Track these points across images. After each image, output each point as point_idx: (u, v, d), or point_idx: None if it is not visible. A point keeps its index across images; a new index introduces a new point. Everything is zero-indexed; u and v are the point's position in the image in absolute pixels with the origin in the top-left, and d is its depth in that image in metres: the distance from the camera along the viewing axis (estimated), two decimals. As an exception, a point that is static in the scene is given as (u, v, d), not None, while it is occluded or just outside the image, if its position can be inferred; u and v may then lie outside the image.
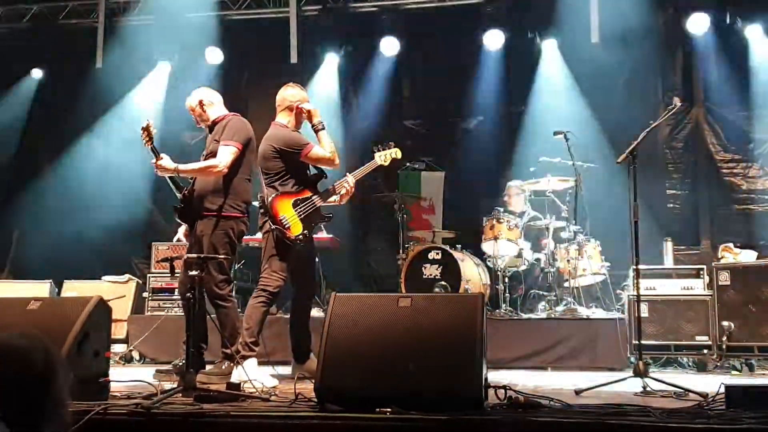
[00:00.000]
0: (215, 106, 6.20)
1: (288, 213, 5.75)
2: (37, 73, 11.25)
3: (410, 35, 10.54)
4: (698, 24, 9.56)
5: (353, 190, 6.07)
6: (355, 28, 10.83)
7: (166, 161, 5.69)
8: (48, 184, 10.99)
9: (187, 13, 10.71)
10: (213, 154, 5.84)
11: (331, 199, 6.07)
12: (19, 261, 10.48)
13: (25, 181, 11.05)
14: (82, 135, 10.98)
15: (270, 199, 5.75)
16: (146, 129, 5.71)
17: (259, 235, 8.33)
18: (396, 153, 6.32)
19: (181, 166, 5.73)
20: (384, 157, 6.28)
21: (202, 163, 5.85)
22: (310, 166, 6.03)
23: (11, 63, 11.10)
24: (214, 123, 6.07)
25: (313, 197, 5.88)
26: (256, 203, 6.00)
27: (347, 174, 6.10)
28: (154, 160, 5.69)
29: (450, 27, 10.48)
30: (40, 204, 10.78)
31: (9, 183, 11.13)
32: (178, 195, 5.86)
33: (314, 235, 6.79)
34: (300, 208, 5.80)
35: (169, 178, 5.82)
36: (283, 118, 6.16)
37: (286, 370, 6.21)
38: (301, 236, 5.73)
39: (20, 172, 11.12)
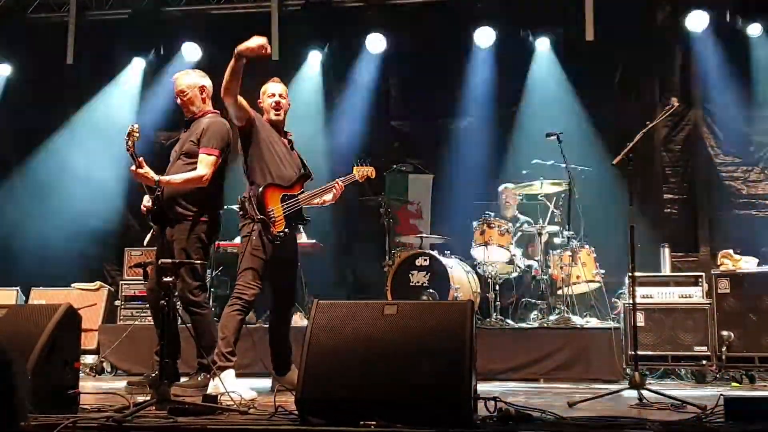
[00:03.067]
0: (208, 101, 6.12)
1: (276, 207, 5.67)
2: (4, 70, 11.17)
3: (397, 32, 10.53)
4: (697, 22, 9.61)
5: (339, 194, 6.11)
6: (340, 24, 10.81)
7: (148, 172, 5.55)
8: (15, 186, 10.90)
9: (163, 7, 10.69)
10: (189, 155, 5.79)
11: (314, 201, 6.03)
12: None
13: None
14: (51, 135, 10.91)
15: (261, 188, 5.64)
16: (131, 134, 5.46)
17: (237, 240, 8.35)
18: (370, 172, 6.48)
19: (164, 178, 5.62)
20: (360, 173, 6.43)
21: (184, 176, 5.72)
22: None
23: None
24: (194, 118, 5.99)
25: (299, 196, 5.80)
26: (235, 207, 5.94)
27: (336, 180, 6.15)
28: (133, 167, 5.57)
29: (439, 23, 10.49)
30: (6, 207, 10.69)
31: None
32: (149, 196, 5.75)
33: (312, 241, 6.87)
34: (286, 204, 5.70)
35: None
36: None
37: (266, 382, 6.18)
38: (282, 234, 5.61)
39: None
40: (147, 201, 5.80)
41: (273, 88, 6.00)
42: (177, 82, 6.09)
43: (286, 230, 5.65)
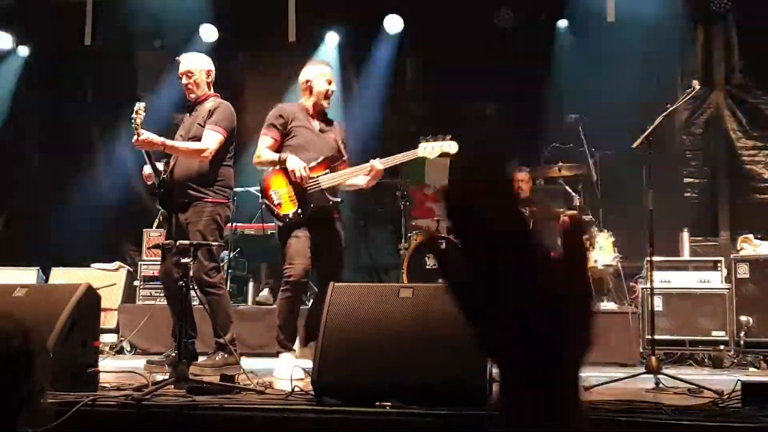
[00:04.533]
0: (211, 85, 6.20)
1: (281, 189, 5.72)
2: (22, 51, 11.24)
3: (415, 13, 10.51)
4: (718, 3, 9.52)
5: (378, 175, 5.86)
6: (357, 4, 10.80)
7: (149, 135, 5.62)
8: (35, 167, 11.02)
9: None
10: (196, 139, 5.86)
11: (352, 181, 5.97)
12: (5, 247, 10.50)
13: (11, 164, 11.05)
14: (71, 116, 10.99)
15: (265, 174, 5.77)
16: (137, 112, 5.63)
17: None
18: (449, 147, 5.82)
19: (168, 141, 5.73)
20: (430, 149, 5.84)
21: (190, 144, 5.82)
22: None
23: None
24: (199, 101, 6.08)
25: (319, 177, 5.77)
26: (253, 189, 5.99)
27: (373, 159, 5.89)
28: (135, 138, 5.63)
29: (458, 4, 10.45)
30: (27, 188, 10.80)
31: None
32: (156, 180, 5.78)
33: None
34: (299, 185, 5.69)
35: (151, 162, 5.79)
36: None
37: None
38: (293, 215, 5.65)
39: (6, 154, 11.12)
40: (147, 170, 5.86)
41: (330, 74, 6.15)
42: (185, 63, 6.14)
43: (299, 211, 5.67)
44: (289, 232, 5.70)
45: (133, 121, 5.60)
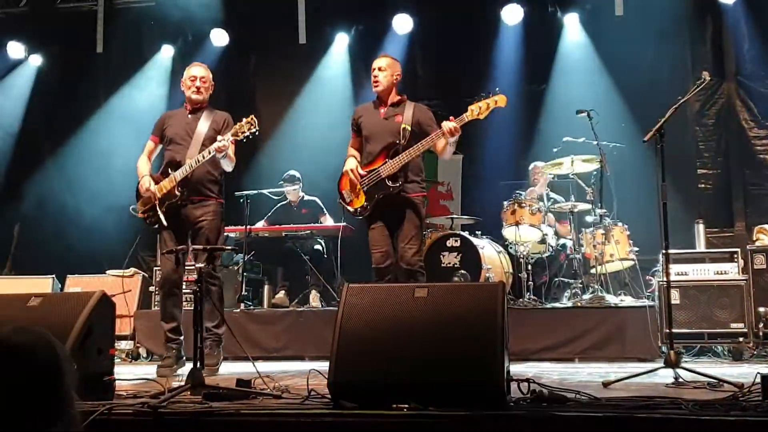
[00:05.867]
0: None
1: (351, 187, 6.23)
2: (35, 60, 11.27)
3: (424, 11, 10.48)
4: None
5: (454, 132, 5.89)
6: (366, 5, 10.79)
7: (224, 145, 5.98)
8: (49, 175, 11.04)
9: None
10: (209, 140, 6.18)
11: (439, 145, 6.08)
12: (21, 256, 10.53)
13: (25, 171, 11.09)
14: (83, 123, 11.01)
15: (340, 176, 6.31)
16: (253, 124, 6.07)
17: (260, 224, 8.50)
18: (497, 102, 5.91)
19: (230, 151, 6.16)
20: (479, 109, 5.93)
21: (231, 154, 6.26)
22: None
23: (8, 49, 11.11)
24: (203, 107, 6.43)
25: (379, 168, 6.06)
26: (266, 191, 6.05)
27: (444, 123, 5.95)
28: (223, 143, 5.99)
29: (466, 1, 10.42)
30: (41, 196, 10.82)
31: (9, 174, 11.16)
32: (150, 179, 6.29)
33: (342, 224, 8.32)
34: (364, 180, 6.12)
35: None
36: None
37: (300, 365, 6.22)
38: (360, 209, 6.15)
39: (20, 162, 11.16)
40: (150, 185, 6.22)
41: (374, 63, 6.35)
42: (200, 70, 6.50)
43: (366, 204, 6.13)
44: (369, 225, 6.22)
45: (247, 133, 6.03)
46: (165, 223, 6.16)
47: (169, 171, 6.21)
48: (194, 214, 6.20)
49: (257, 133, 6.08)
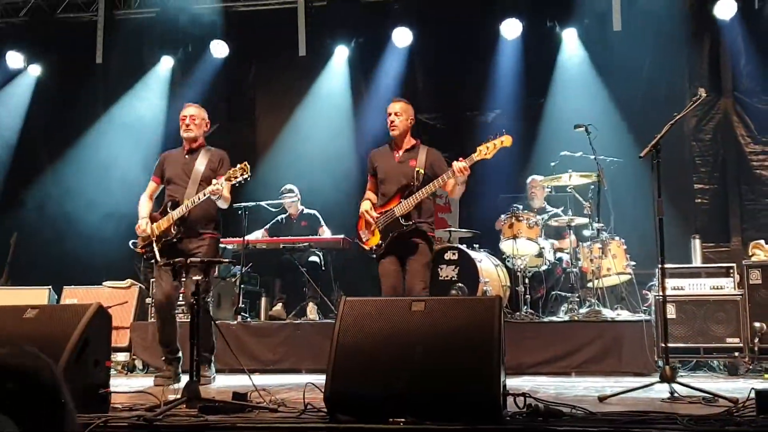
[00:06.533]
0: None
1: (368, 227, 6.45)
2: (35, 70, 11.28)
3: (423, 25, 10.51)
4: (725, 9, 9.51)
5: (463, 171, 6.11)
6: (366, 18, 10.81)
7: (219, 189, 6.18)
8: (47, 185, 11.03)
9: (190, 5, 10.74)
10: (206, 181, 6.44)
11: (449, 185, 6.29)
12: (18, 266, 10.51)
13: (23, 181, 11.08)
14: (82, 134, 11.02)
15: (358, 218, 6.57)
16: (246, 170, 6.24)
17: (257, 234, 8.52)
18: (503, 142, 6.19)
19: (225, 192, 6.33)
20: (486, 149, 6.19)
21: (228, 196, 6.45)
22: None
23: (7, 58, 11.12)
24: (201, 146, 6.70)
25: (394, 208, 6.29)
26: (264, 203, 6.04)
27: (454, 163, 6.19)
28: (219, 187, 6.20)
29: (465, 16, 10.44)
30: (39, 206, 10.81)
31: (6, 184, 11.15)
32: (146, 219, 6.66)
33: (341, 236, 8.47)
34: (380, 220, 6.36)
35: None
36: None
37: (297, 378, 6.21)
38: (376, 247, 6.38)
39: (18, 172, 11.15)
40: (147, 227, 6.59)
41: (390, 107, 6.53)
42: (190, 110, 6.77)
43: (381, 242, 6.36)
44: (381, 257, 6.40)
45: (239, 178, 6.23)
46: (158, 258, 6.42)
47: (168, 210, 6.53)
48: (189, 247, 6.48)
49: (249, 179, 6.27)
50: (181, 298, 7.02)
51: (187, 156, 6.68)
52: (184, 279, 5.85)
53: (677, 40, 9.83)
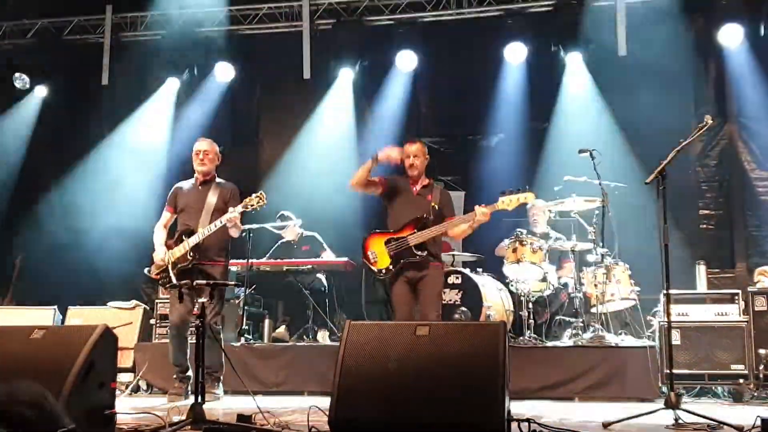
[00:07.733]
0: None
1: (378, 249, 6.69)
2: (40, 91, 11.36)
3: (428, 49, 10.58)
4: (731, 36, 9.57)
5: (482, 219, 6.52)
6: (371, 42, 10.88)
7: (236, 216, 6.79)
8: (52, 207, 11.07)
9: (196, 28, 10.83)
10: (219, 212, 6.99)
11: (461, 228, 6.68)
12: (23, 287, 10.53)
13: (28, 203, 11.12)
14: (87, 155, 11.07)
15: (364, 237, 6.83)
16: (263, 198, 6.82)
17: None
18: (526, 198, 6.60)
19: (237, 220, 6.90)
20: (509, 201, 6.56)
21: (239, 226, 7.04)
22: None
23: (14, 80, 11.19)
24: (213, 179, 7.24)
25: (407, 237, 6.58)
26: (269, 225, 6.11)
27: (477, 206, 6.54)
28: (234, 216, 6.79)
29: (469, 40, 10.51)
30: (44, 227, 10.84)
31: (11, 205, 11.20)
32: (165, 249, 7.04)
33: (344, 259, 8.61)
34: (392, 245, 6.61)
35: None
36: None
37: (300, 401, 6.21)
38: (384, 270, 6.62)
39: (23, 193, 11.20)
40: (165, 255, 7.00)
41: (407, 149, 6.86)
42: (203, 144, 7.28)
43: (390, 266, 6.61)
44: (393, 281, 6.68)
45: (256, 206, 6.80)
46: (175, 281, 6.74)
47: (183, 238, 6.96)
48: (202, 273, 6.88)
49: (265, 207, 6.83)
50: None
51: (200, 188, 7.21)
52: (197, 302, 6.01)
53: (682, 65, 9.87)
